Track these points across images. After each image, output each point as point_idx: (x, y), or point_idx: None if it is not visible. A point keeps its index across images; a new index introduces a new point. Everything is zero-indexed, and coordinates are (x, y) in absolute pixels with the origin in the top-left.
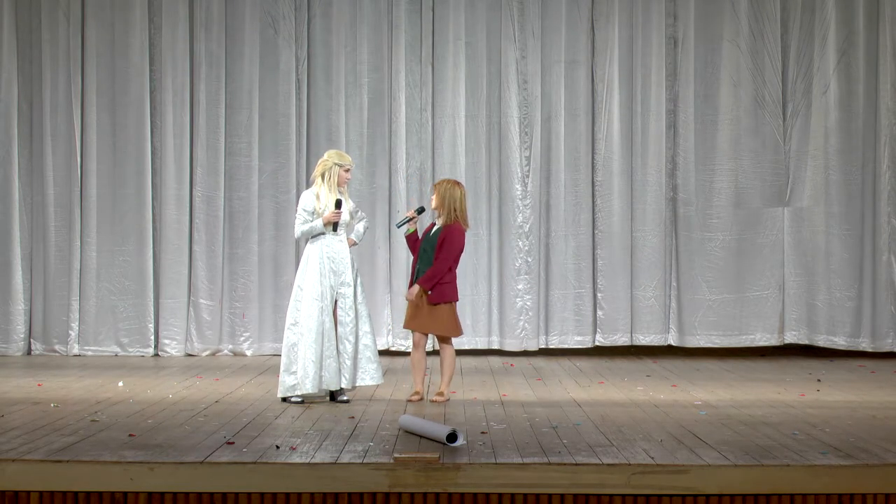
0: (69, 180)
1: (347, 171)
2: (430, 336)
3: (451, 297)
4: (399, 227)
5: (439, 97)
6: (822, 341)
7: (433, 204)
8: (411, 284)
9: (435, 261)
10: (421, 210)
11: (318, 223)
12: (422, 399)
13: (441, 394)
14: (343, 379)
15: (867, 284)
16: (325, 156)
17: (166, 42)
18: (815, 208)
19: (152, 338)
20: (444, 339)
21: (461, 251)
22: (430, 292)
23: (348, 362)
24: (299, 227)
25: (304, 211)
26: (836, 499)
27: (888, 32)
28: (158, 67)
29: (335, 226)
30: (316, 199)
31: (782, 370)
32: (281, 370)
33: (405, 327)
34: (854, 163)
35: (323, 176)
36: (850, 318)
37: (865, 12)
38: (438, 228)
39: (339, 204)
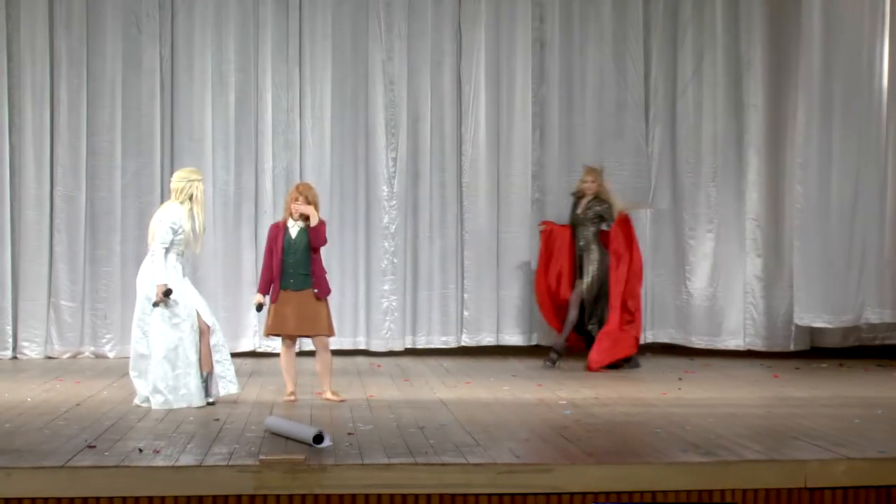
0: None
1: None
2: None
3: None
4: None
5: (306, 98)
6: (682, 340)
7: (297, 214)
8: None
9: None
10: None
11: (161, 278)
12: (297, 400)
13: (336, 392)
14: (231, 385)
15: (723, 284)
16: (188, 174)
17: (25, 38)
18: (677, 210)
19: (10, 340)
20: (321, 338)
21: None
22: (316, 290)
23: (231, 367)
24: (163, 249)
25: (172, 230)
26: (696, 495)
27: (745, 37)
28: (17, 64)
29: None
30: (188, 220)
31: (645, 369)
32: (133, 379)
33: (285, 333)
34: (709, 166)
35: (192, 197)
36: (706, 317)
37: (722, 17)
38: (302, 229)
39: (169, 292)
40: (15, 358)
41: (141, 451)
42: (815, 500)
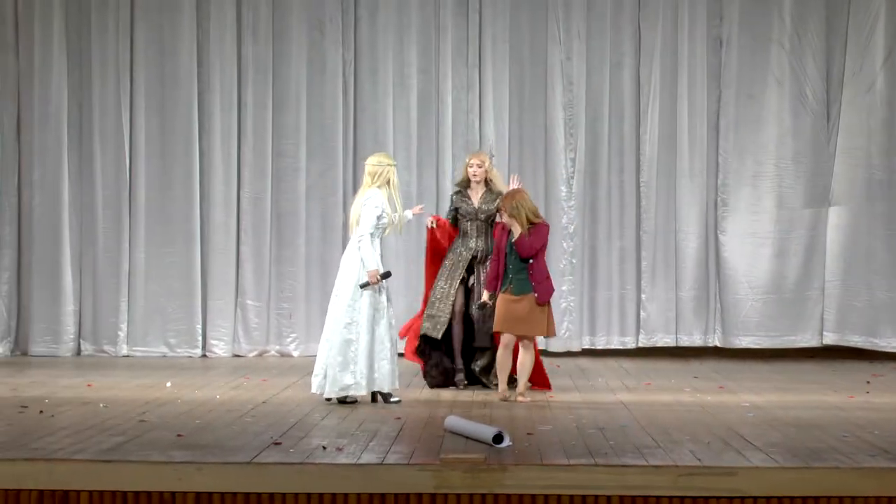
0: (118, 182)
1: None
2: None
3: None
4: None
5: (485, 99)
6: (865, 343)
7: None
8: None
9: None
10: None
11: (373, 263)
12: (506, 400)
13: (523, 394)
14: (395, 380)
15: None
16: (383, 158)
17: (214, 46)
18: (859, 209)
19: (200, 338)
20: (530, 339)
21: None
22: (537, 294)
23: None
24: (370, 236)
25: (377, 215)
26: (885, 501)
27: None
28: (206, 70)
29: (368, 284)
30: (387, 204)
31: (830, 372)
32: (334, 369)
33: (507, 331)
34: None
35: (388, 182)
36: (892, 320)
37: None
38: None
39: (387, 275)
40: (204, 356)
41: (325, 448)
42: None
